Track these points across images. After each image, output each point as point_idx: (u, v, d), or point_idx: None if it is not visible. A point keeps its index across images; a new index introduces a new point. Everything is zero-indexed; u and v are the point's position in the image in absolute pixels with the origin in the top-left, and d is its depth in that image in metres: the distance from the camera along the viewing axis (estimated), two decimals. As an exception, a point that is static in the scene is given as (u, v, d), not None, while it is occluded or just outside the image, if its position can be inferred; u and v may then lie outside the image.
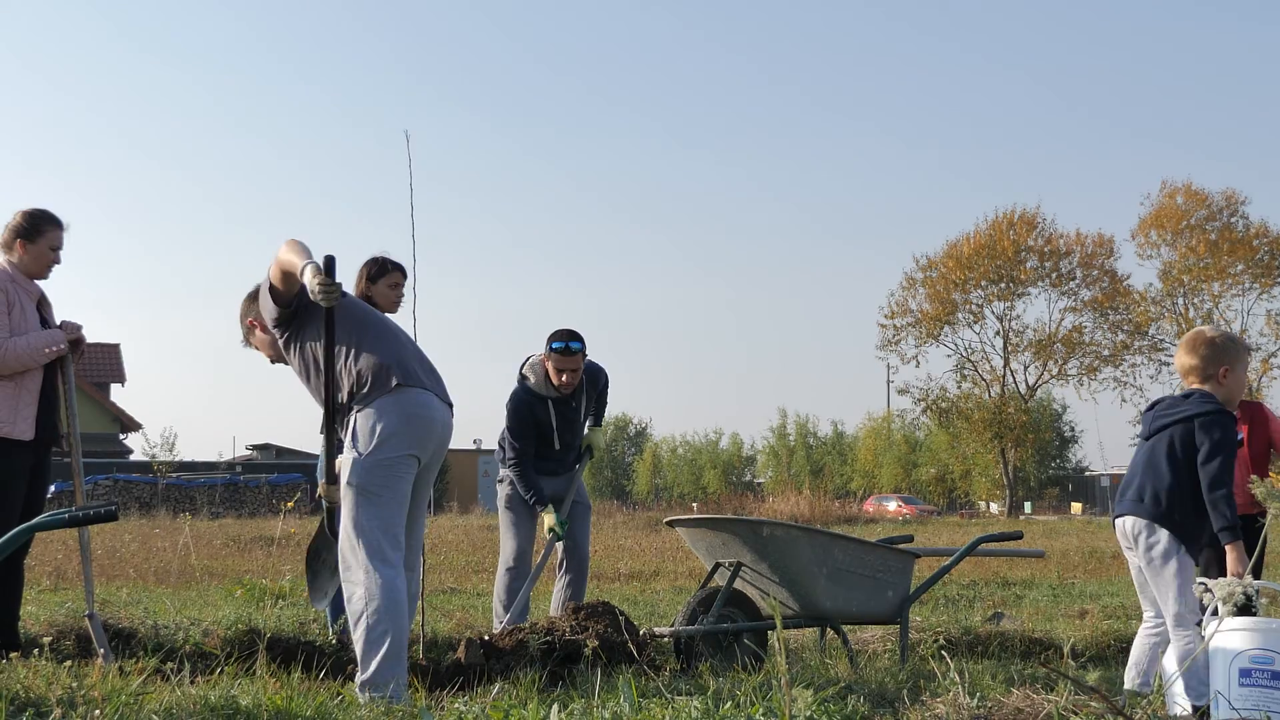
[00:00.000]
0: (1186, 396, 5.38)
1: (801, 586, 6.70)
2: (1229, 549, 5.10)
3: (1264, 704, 4.46)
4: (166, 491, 39.15)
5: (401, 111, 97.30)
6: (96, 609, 6.53)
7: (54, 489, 32.04)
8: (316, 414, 5.78)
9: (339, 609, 6.86)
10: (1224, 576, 4.83)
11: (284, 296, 5.36)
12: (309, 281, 4.99)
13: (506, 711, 4.25)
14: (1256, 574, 5.97)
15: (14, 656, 5.46)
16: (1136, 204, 78.94)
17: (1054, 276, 56.12)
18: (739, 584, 6.88)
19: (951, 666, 4.86)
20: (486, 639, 6.30)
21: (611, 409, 8.20)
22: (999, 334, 57.40)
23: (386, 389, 5.26)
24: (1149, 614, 5.69)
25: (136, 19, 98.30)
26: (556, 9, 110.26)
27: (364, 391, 5.26)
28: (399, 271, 7.31)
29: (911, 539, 7.70)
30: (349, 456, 5.23)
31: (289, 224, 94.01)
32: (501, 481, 7.87)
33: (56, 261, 6.54)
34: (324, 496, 5.76)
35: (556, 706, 4.18)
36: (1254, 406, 7.64)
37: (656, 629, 6.85)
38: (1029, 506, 57.32)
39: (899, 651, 6.95)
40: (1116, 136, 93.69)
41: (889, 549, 7.01)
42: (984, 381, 57.77)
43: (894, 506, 53.88)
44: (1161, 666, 5.39)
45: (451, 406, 5.57)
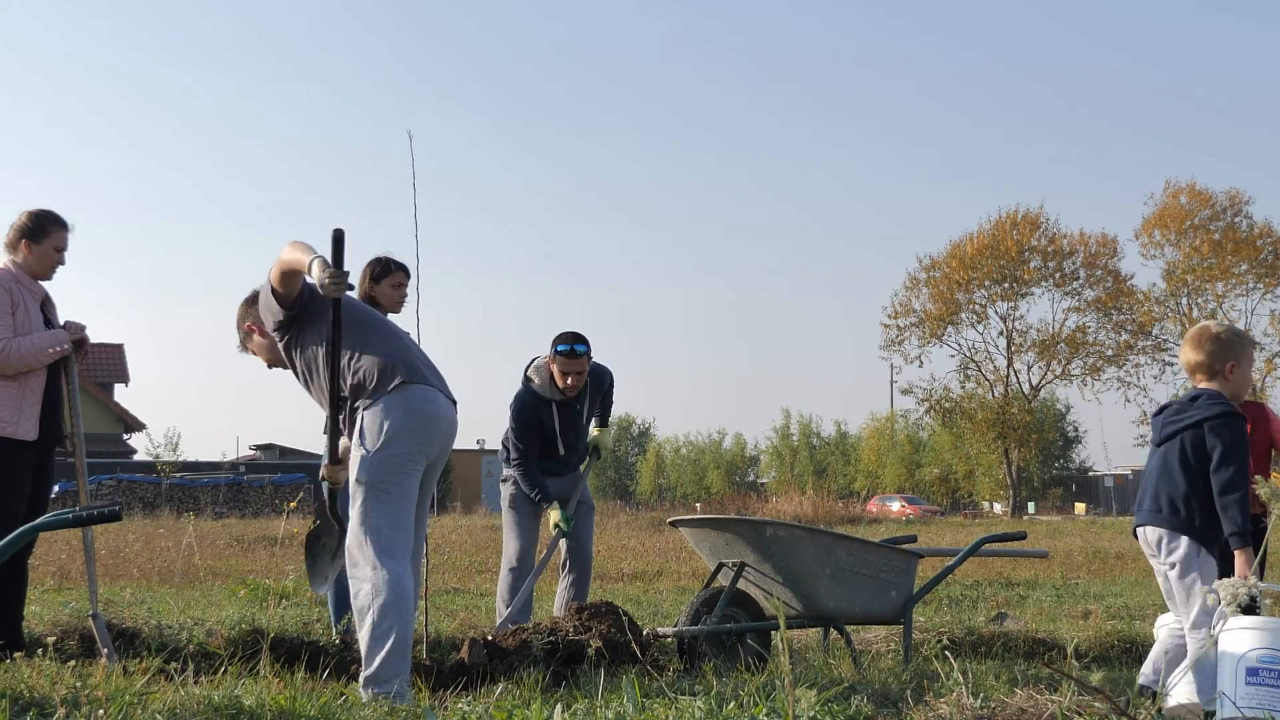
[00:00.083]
0: (1193, 400, 5.36)
1: (805, 587, 6.69)
2: (1238, 554, 5.09)
3: (1270, 703, 4.46)
4: (170, 491, 39.17)
5: (403, 111, 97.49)
6: (100, 609, 6.52)
7: (58, 489, 32.11)
8: (319, 414, 5.79)
9: (342, 608, 6.86)
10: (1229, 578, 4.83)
11: (285, 299, 5.34)
12: (317, 274, 4.95)
13: (510, 712, 4.25)
14: (1260, 575, 5.95)
15: (18, 656, 5.45)
16: (1140, 204, 78.90)
17: (1057, 276, 56.11)
18: (742, 584, 6.87)
19: (955, 667, 4.86)
20: (490, 639, 6.30)
21: (615, 409, 8.18)
22: (1002, 334, 57.44)
23: (392, 386, 5.26)
24: (1176, 618, 5.64)
25: (136, 19, 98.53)
26: (557, 9, 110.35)
27: (370, 389, 5.26)
28: (402, 271, 7.32)
29: (915, 539, 7.70)
30: (357, 454, 5.23)
31: (290, 224, 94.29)
32: (505, 481, 7.87)
33: (61, 263, 6.54)
34: (326, 479, 5.75)
35: (560, 707, 4.17)
36: (1255, 406, 7.61)
37: (660, 629, 6.84)
38: (1032, 507, 57.28)
39: (903, 652, 6.95)
40: (1120, 136, 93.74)
41: (892, 549, 7.00)
42: (987, 381, 57.76)
43: (897, 507, 53.85)
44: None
45: (455, 404, 5.57)
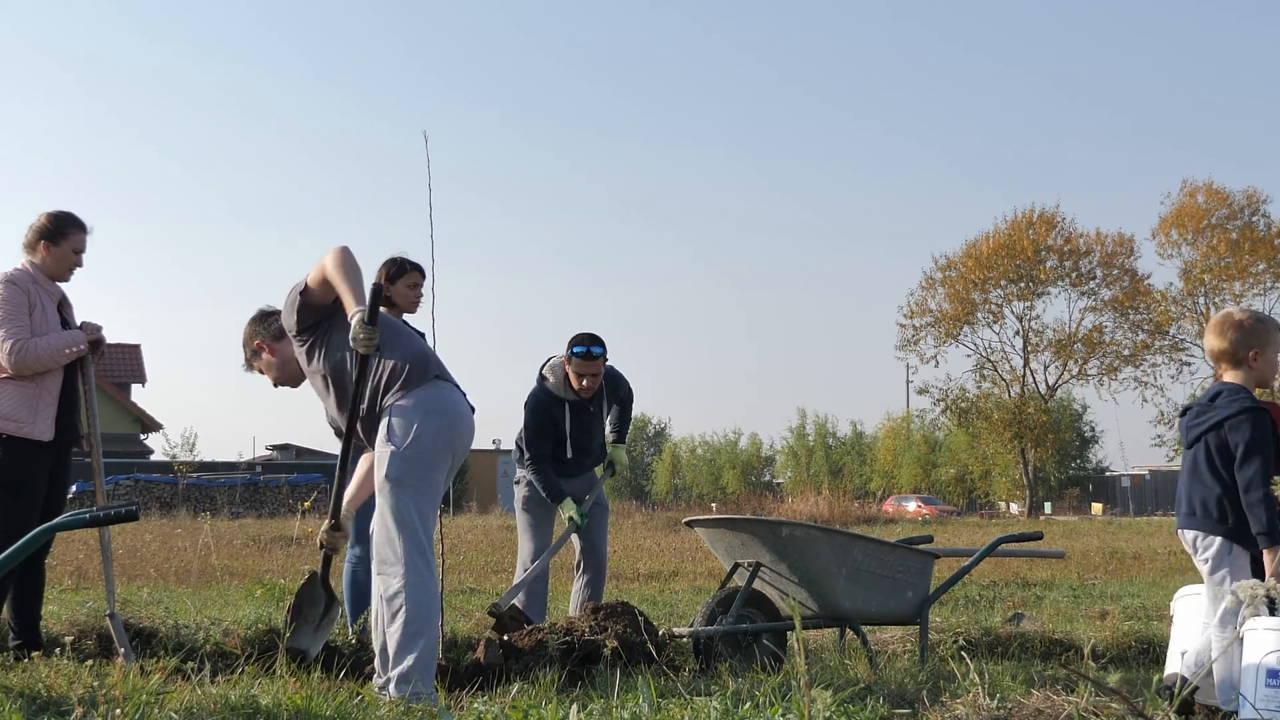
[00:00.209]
0: (1213, 400, 5.33)
1: (821, 587, 6.69)
2: (1266, 553, 5.07)
3: (1290, 705, 4.44)
4: (187, 491, 39.25)
5: (419, 112, 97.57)
6: (117, 608, 6.54)
7: (75, 489, 32.20)
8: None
9: (358, 608, 6.88)
10: (1260, 579, 4.82)
11: (316, 302, 5.35)
12: (354, 328, 5.01)
13: (526, 711, 4.25)
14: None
15: (36, 655, 5.49)
16: (1157, 203, 78.75)
17: (1074, 276, 56.00)
18: (758, 584, 6.87)
19: (971, 667, 4.85)
20: (505, 639, 6.31)
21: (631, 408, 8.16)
22: (1019, 334, 57.36)
23: (421, 382, 5.28)
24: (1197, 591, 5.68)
25: (152, 16, 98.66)
26: (573, 9, 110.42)
27: (397, 386, 5.27)
28: (417, 271, 7.32)
29: (931, 539, 7.69)
30: (385, 451, 5.23)
31: (308, 224, 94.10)
32: (518, 483, 7.86)
33: (78, 264, 6.56)
34: (324, 543, 5.73)
35: (575, 707, 4.18)
36: (1273, 409, 7.58)
37: (675, 629, 6.84)
38: (1049, 507, 57.15)
39: (919, 652, 6.94)
40: (1137, 135, 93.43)
41: (908, 549, 6.99)
42: (1004, 381, 57.66)
43: (913, 507, 53.73)
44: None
45: (473, 409, 5.58)
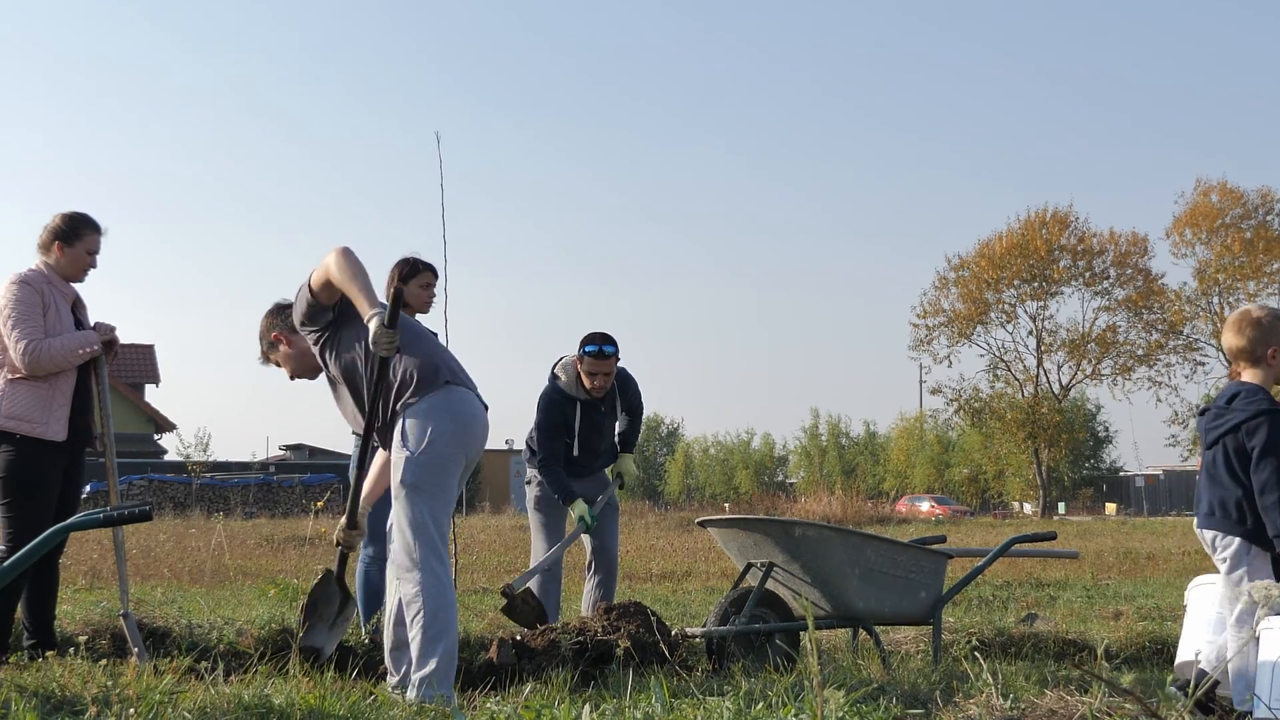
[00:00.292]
0: (1230, 401, 5.30)
1: (834, 587, 6.68)
2: None
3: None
4: (200, 491, 39.36)
5: (432, 112, 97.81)
6: (131, 608, 6.56)
7: (89, 489, 32.26)
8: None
9: (371, 608, 6.88)
10: (1277, 580, 4.81)
11: (324, 303, 5.37)
12: (372, 330, 5.02)
13: (539, 711, 4.25)
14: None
15: (50, 655, 5.50)
16: (1171, 202, 78.46)
17: (1087, 275, 55.84)
18: (771, 584, 6.87)
19: (985, 668, 4.84)
20: (519, 639, 6.31)
21: (644, 409, 8.15)
22: (1032, 333, 57.21)
23: (435, 386, 5.29)
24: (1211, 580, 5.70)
25: (167, 17, 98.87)
26: (586, 9, 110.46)
27: (410, 392, 5.28)
28: (430, 272, 7.33)
29: (944, 539, 7.68)
30: (400, 456, 5.25)
31: (322, 224, 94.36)
32: (529, 483, 7.85)
33: (92, 265, 6.57)
34: (341, 541, 5.75)
35: (588, 707, 4.18)
36: None
37: (688, 629, 6.84)
38: (1063, 507, 57.01)
39: (932, 652, 6.93)
40: (1150, 134, 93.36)
41: (922, 550, 6.98)
42: (1017, 381, 57.56)
43: (927, 507, 53.66)
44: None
45: (487, 408, 5.59)
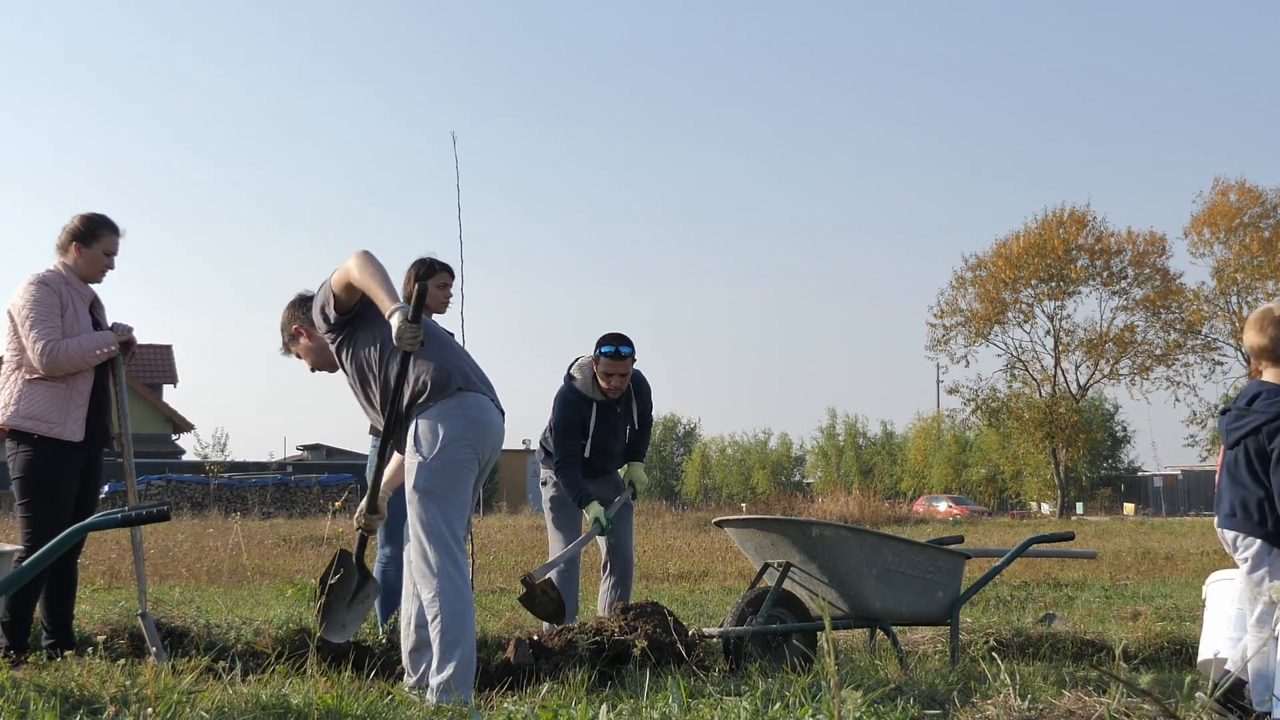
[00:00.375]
0: (1250, 402, 5.28)
1: (851, 587, 6.67)
2: None
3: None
4: (218, 491, 39.42)
5: (448, 113, 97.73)
6: (149, 608, 6.57)
7: (107, 489, 32.41)
8: (366, 417, 5.79)
9: (388, 608, 6.89)
10: None
11: (344, 305, 5.38)
12: (396, 326, 5.02)
13: (555, 711, 4.25)
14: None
15: (69, 655, 5.51)
16: (1189, 202, 78.12)
17: (1105, 275, 55.70)
18: (788, 584, 6.86)
19: (1002, 668, 4.83)
20: (535, 639, 6.31)
21: (660, 409, 8.15)
22: (1049, 333, 57.11)
23: (448, 393, 5.29)
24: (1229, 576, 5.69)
25: (184, 19, 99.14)
26: (601, 10, 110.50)
27: (425, 397, 5.29)
28: (447, 272, 7.33)
29: (962, 540, 7.66)
30: (413, 461, 5.26)
31: (339, 225, 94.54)
32: (545, 483, 7.84)
33: (110, 267, 6.60)
34: (361, 525, 5.76)
35: (605, 707, 4.18)
36: None
37: (705, 629, 6.83)
38: (1081, 507, 56.86)
39: (949, 653, 6.92)
40: (1168, 134, 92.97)
41: (939, 550, 6.97)
42: (1035, 381, 57.43)
43: (944, 507, 53.55)
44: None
45: (503, 413, 5.59)
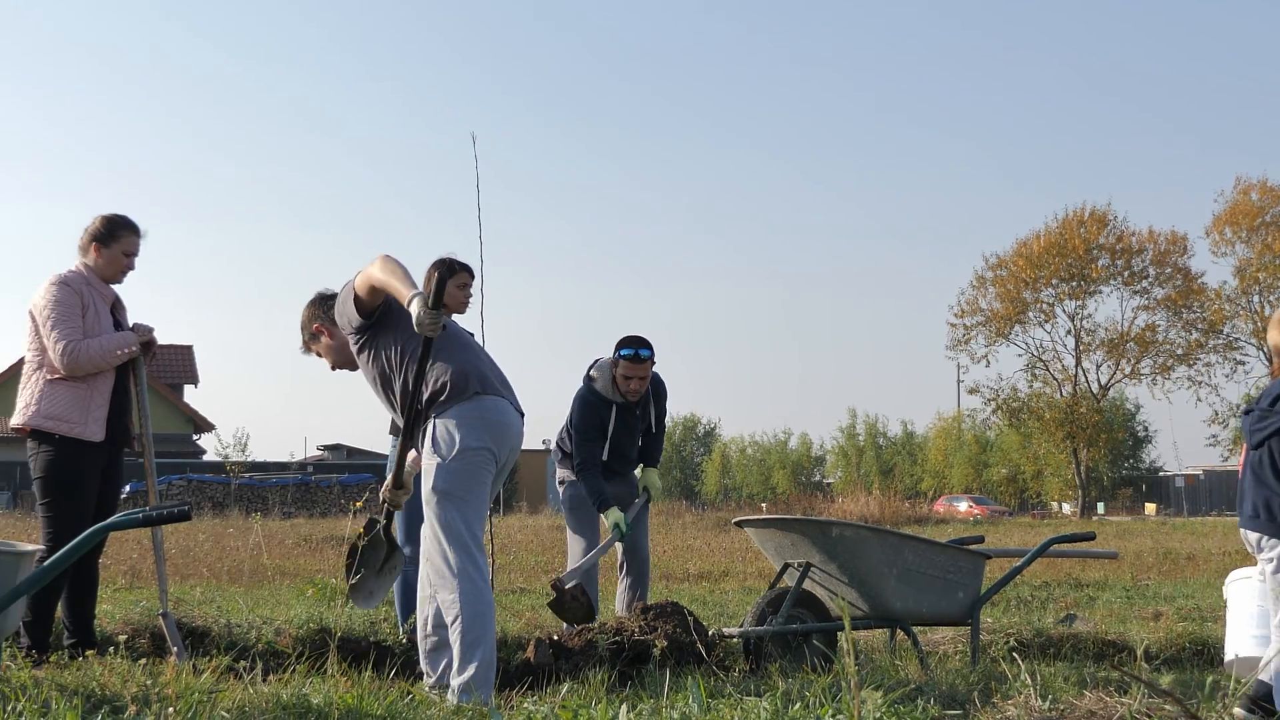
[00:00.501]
0: (1274, 402, 5.24)
1: (871, 587, 6.66)
2: None
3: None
4: (239, 491, 39.57)
5: (469, 113, 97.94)
6: (170, 607, 6.60)
7: (128, 489, 32.49)
8: (386, 415, 5.79)
9: (408, 608, 6.89)
10: None
11: (367, 307, 5.39)
12: (416, 313, 5.01)
13: (575, 711, 4.25)
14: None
15: (90, 654, 5.54)
16: (1210, 201, 78.02)
17: (1126, 275, 55.50)
18: (808, 585, 6.85)
19: (1023, 668, 4.82)
20: (555, 639, 6.31)
21: (680, 409, 8.15)
22: (1070, 333, 56.90)
23: (466, 396, 5.30)
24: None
25: (206, 18, 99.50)
26: (622, 11, 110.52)
27: (443, 399, 5.30)
28: (466, 272, 7.33)
29: (982, 540, 7.63)
30: (431, 463, 5.26)
31: (360, 224, 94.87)
32: (563, 483, 7.84)
33: (130, 267, 6.62)
34: (387, 500, 5.77)
35: (625, 707, 4.17)
36: None
37: (725, 629, 6.83)
38: (1102, 507, 56.69)
39: (970, 653, 6.90)
40: (1189, 133, 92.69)
41: (959, 550, 6.95)
42: (1055, 381, 57.24)
43: (965, 507, 53.44)
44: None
45: (522, 415, 5.59)
